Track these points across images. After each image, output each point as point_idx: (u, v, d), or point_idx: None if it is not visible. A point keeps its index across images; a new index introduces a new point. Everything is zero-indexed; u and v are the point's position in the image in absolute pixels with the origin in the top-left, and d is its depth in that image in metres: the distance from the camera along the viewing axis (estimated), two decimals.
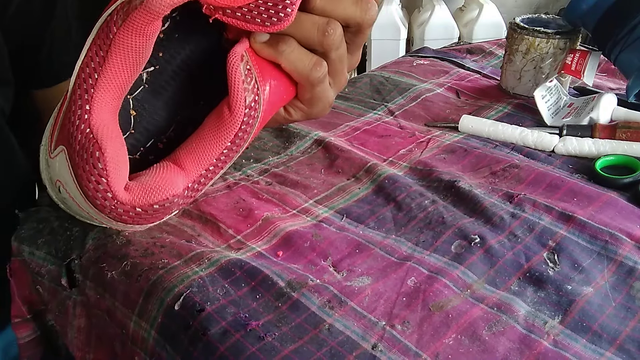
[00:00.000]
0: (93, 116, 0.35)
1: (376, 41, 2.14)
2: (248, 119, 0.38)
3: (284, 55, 0.38)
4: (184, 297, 0.39)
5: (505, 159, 0.58)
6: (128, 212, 0.37)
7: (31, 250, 0.48)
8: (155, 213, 0.38)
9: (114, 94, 0.36)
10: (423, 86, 0.77)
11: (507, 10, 2.29)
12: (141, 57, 0.36)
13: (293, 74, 0.40)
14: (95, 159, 0.35)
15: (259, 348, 0.36)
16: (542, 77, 0.72)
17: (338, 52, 0.40)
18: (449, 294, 0.41)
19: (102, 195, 0.36)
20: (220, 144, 0.39)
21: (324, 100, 0.43)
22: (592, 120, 0.63)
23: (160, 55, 0.41)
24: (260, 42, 0.38)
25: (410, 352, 0.36)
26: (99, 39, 0.35)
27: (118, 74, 0.35)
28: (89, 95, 0.35)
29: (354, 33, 0.41)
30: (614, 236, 0.46)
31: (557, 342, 0.37)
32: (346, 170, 0.57)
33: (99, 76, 0.35)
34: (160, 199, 0.37)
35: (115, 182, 0.36)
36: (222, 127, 0.38)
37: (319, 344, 0.37)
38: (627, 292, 0.41)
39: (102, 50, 0.35)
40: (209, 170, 0.40)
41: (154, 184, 0.37)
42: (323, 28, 0.38)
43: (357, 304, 0.40)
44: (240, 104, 0.37)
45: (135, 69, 0.36)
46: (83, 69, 0.36)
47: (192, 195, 0.41)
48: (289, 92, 0.42)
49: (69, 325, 0.47)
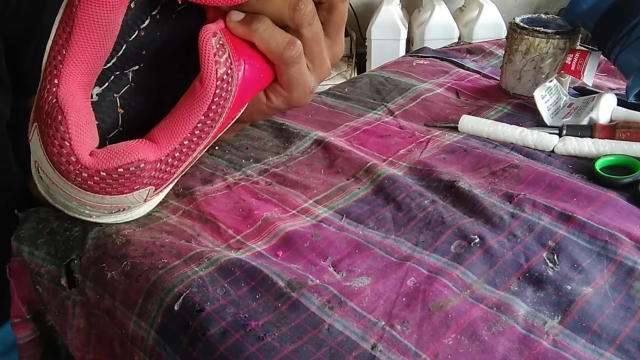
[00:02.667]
0: (60, 88, 0.36)
1: (376, 41, 2.14)
2: (221, 92, 0.38)
3: (257, 33, 0.39)
4: (184, 297, 0.39)
5: (505, 159, 0.58)
6: (92, 177, 0.37)
7: (31, 250, 0.48)
8: (121, 179, 0.37)
9: (83, 69, 0.37)
10: (423, 86, 0.77)
11: (507, 10, 2.29)
12: (107, 31, 0.36)
13: (267, 53, 0.40)
14: (57, 123, 0.35)
15: (258, 348, 0.36)
16: (542, 77, 0.72)
17: (311, 29, 0.41)
18: (448, 294, 0.41)
19: (65, 160, 0.36)
20: (193, 117, 0.38)
21: (302, 84, 0.43)
22: (592, 120, 0.63)
23: (144, 53, 0.41)
24: (234, 21, 0.39)
25: (409, 352, 0.36)
26: (65, 16, 0.36)
27: (84, 48, 0.36)
28: (58, 70, 0.36)
29: (327, 10, 0.41)
30: (614, 236, 0.46)
31: (556, 342, 0.37)
32: (346, 170, 0.57)
33: (66, 51, 0.36)
34: (124, 162, 0.37)
35: (79, 146, 0.36)
36: (194, 100, 0.38)
37: (318, 344, 0.37)
38: (626, 292, 0.41)
39: (68, 26, 0.35)
40: (184, 145, 0.39)
41: (119, 149, 0.37)
42: (294, 3, 0.39)
43: (357, 304, 0.40)
44: (211, 76, 0.37)
45: (102, 43, 0.36)
46: (52, 47, 0.36)
47: (167, 171, 0.40)
48: (267, 74, 0.42)
49: (69, 325, 0.47)
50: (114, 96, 0.42)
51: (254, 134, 0.64)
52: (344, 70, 2.10)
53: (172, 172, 0.41)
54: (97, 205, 0.41)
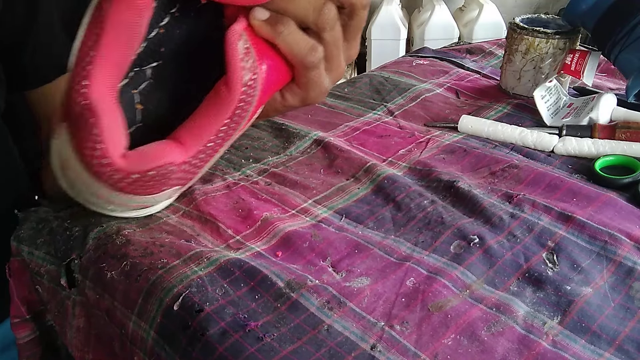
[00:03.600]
0: (89, 90, 0.36)
1: (376, 41, 2.14)
2: (245, 97, 0.39)
3: (282, 36, 0.39)
4: (183, 297, 0.39)
5: (504, 159, 0.58)
6: (125, 179, 0.38)
7: (30, 250, 0.48)
8: (152, 181, 0.38)
9: (110, 71, 0.37)
10: (423, 86, 0.77)
11: (507, 10, 2.29)
12: (135, 33, 0.36)
13: (289, 56, 0.41)
14: (90, 125, 0.36)
15: (257, 349, 0.36)
16: (542, 77, 0.72)
17: (332, 34, 0.41)
18: (448, 295, 0.41)
19: (98, 162, 0.37)
20: (218, 121, 0.39)
21: (319, 85, 0.43)
22: (592, 121, 0.63)
23: (163, 50, 0.42)
24: (259, 20, 0.39)
25: (409, 353, 0.36)
26: (93, 18, 0.36)
27: (113, 50, 0.36)
28: (86, 71, 0.36)
29: (348, 15, 0.42)
30: (613, 236, 0.46)
31: (556, 343, 0.37)
32: (345, 171, 0.57)
33: (94, 53, 0.36)
34: (156, 165, 0.38)
35: (112, 148, 0.37)
36: (220, 104, 0.39)
37: (317, 344, 0.37)
38: (626, 293, 0.41)
39: (97, 27, 0.36)
40: (208, 147, 0.40)
41: (151, 152, 0.38)
42: (319, 7, 0.39)
43: (356, 304, 0.40)
44: (237, 82, 0.38)
45: (130, 45, 0.37)
46: (80, 48, 0.36)
47: (192, 171, 0.41)
48: (285, 75, 0.42)
49: (68, 325, 0.47)
50: (132, 92, 0.42)
51: (253, 134, 0.64)
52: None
53: (197, 172, 0.42)
54: (124, 204, 0.42)
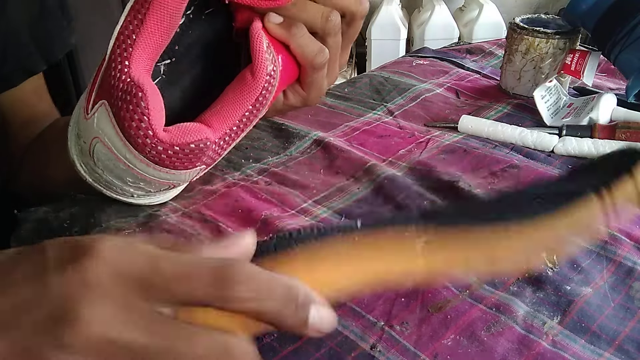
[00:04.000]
0: (132, 69, 0.39)
1: (376, 41, 2.14)
2: (268, 86, 0.42)
3: (295, 38, 0.43)
4: None
5: (504, 159, 0.58)
6: (166, 151, 0.40)
7: None
8: (190, 154, 0.41)
9: (148, 54, 0.40)
10: (423, 86, 0.77)
11: (507, 10, 2.29)
12: (174, 20, 0.40)
13: (300, 56, 0.44)
14: (138, 99, 0.38)
15: (257, 349, 0.36)
16: (542, 77, 0.72)
17: (336, 40, 0.45)
18: (447, 295, 0.41)
19: (143, 133, 0.39)
20: (243, 106, 0.42)
21: (320, 86, 0.48)
22: (592, 121, 0.63)
23: (177, 48, 0.44)
24: (274, 23, 0.42)
25: (408, 353, 0.36)
26: (137, 4, 0.39)
27: (153, 34, 0.39)
28: (128, 53, 0.39)
29: (348, 23, 0.46)
30: (613, 236, 0.46)
31: (555, 343, 0.37)
32: (345, 171, 0.57)
33: (136, 36, 0.39)
34: (196, 139, 0.40)
35: (156, 121, 0.39)
36: (245, 91, 0.42)
37: (317, 344, 0.37)
38: (626, 293, 0.41)
39: (140, 13, 0.39)
40: (232, 131, 0.43)
41: (189, 127, 0.41)
42: (327, 15, 0.43)
43: (356, 304, 0.40)
44: (263, 70, 0.41)
45: (167, 32, 0.40)
46: (122, 32, 0.39)
47: (218, 152, 0.43)
48: (293, 74, 0.46)
49: None
50: None
51: (253, 134, 0.64)
52: (344, 70, 2.10)
53: (220, 153, 0.44)
54: (157, 180, 0.43)
